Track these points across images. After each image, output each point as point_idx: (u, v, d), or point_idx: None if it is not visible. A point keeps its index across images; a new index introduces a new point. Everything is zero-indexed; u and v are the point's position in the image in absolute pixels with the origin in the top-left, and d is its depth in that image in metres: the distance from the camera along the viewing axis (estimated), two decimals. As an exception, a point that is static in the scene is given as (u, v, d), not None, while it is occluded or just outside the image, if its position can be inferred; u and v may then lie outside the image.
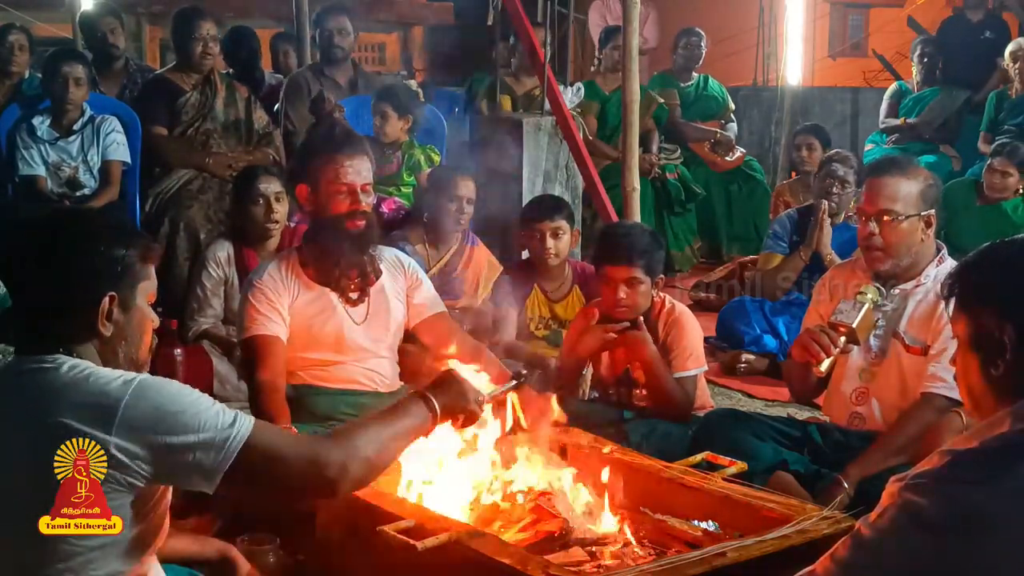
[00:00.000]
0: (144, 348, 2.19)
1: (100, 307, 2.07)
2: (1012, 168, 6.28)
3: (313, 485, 2.13)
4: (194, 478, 2.02)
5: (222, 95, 5.82)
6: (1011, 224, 6.20)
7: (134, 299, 2.13)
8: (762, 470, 3.33)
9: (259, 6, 9.78)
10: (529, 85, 7.00)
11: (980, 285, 1.92)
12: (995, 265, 1.93)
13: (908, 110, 7.99)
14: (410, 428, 2.33)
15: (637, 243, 3.85)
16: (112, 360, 2.12)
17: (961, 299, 1.94)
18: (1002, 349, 1.85)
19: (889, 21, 11.37)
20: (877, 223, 3.44)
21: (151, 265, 2.18)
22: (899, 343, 3.48)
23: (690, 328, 3.92)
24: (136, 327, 2.15)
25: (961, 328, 1.93)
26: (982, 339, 1.88)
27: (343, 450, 2.11)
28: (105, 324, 2.09)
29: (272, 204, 4.82)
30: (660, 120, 7.71)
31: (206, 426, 1.99)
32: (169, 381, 2.05)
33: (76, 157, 5.66)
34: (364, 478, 2.18)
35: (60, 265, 2.07)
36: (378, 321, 3.65)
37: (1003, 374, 1.85)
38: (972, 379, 1.91)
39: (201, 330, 4.89)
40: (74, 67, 5.61)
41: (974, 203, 6.41)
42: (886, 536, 1.78)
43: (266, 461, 2.04)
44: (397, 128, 5.77)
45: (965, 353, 1.92)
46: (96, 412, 1.95)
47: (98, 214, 2.36)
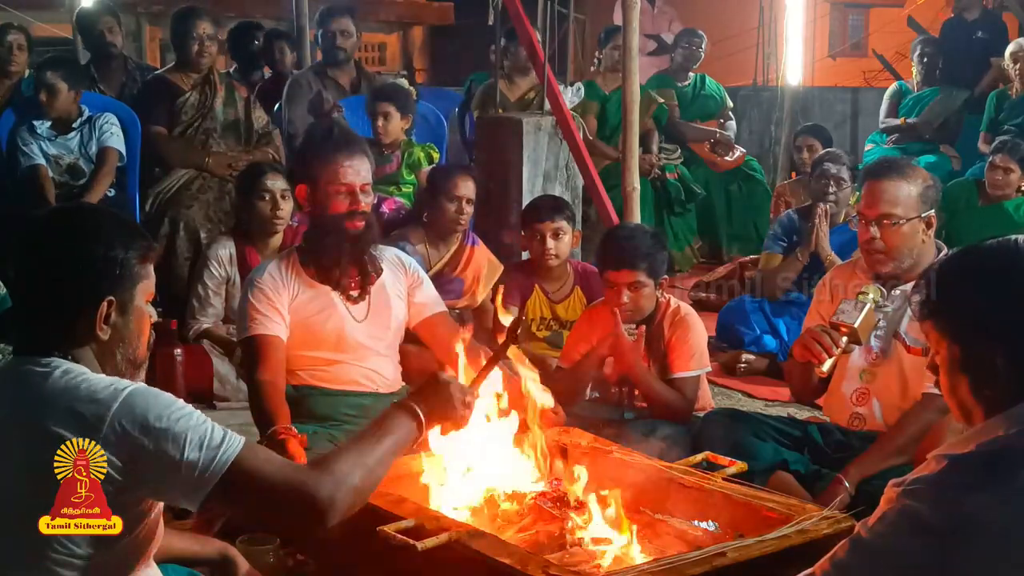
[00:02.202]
0: (142, 347, 2.17)
1: (98, 311, 2.05)
2: (1013, 164, 6.26)
3: (300, 516, 2.06)
4: (178, 495, 1.99)
5: (221, 95, 5.83)
6: (1013, 224, 6.17)
7: (132, 301, 2.11)
8: (762, 470, 3.33)
9: (259, 6, 9.79)
10: (524, 88, 6.99)
11: (960, 307, 1.86)
12: (972, 281, 1.86)
13: (908, 110, 7.98)
14: (397, 445, 2.26)
15: (640, 247, 3.86)
16: (110, 361, 2.10)
17: (941, 323, 1.88)
18: (993, 371, 1.82)
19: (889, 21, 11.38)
20: (878, 227, 3.44)
21: (150, 264, 2.16)
22: (900, 344, 3.48)
23: (695, 329, 3.94)
24: (134, 328, 2.12)
25: (944, 349, 1.88)
26: (972, 361, 1.84)
27: (331, 481, 2.04)
28: (103, 328, 2.06)
29: (278, 201, 4.84)
30: (660, 120, 7.71)
31: (193, 443, 1.95)
32: (160, 393, 2.00)
33: (75, 152, 5.70)
34: (352, 507, 2.11)
35: (57, 268, 2.05)
36: (379, 319, 3.65)
37: (997, 390, 1.83)
38: (962, 397, 1.88)
39: (202, 329, 4.90)
40: (52, 75, 5.67)
41: (975, 203, 6.40)
42: (884, 540, 1.78)
43: (252, 485, 1.99)
44: (399, 127, 5.78)
45: (954, 374, 1.88)
46: (84, 421, 1.93)
47: (97, 211, 2.27)
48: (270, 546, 2.86)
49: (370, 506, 2.73)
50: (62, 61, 6.08)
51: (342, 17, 6.28)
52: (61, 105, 5.68)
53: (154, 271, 2.18)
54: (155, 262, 2.19)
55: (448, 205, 4.89)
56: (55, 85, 5.65)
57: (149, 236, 2.20)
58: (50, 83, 5.65)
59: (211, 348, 4.80)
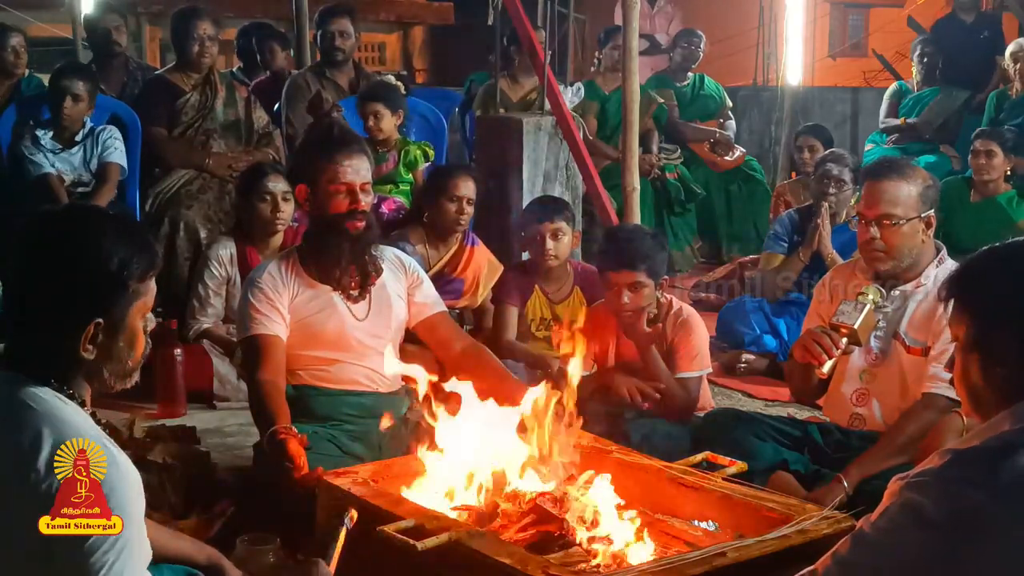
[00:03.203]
0: (134, 360, 2.07)
1: (84, 333, 1.96)
2: (995, 146, 6.24)
3: None
4: None
5: (222, 95, 5.83)
6: (1007, 216, 6.18)
7: (124, 321, 2.00)
8: (762, 470, 3.34)
9: (259, 6, 9.80)
10: (527, 88, 7.00)
11: (983, 288, 1.91)
12: (999, 267, 1.92)
13: (908, 110, 7.98)
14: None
15: (639, 247, 3.88)
16: (97, 378, 2.02)
17: (963, 302, 1.93)
18: (1007, 350, 1.84)
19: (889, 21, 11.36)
20: (878, 227, 3.44)
21: (150, 281, 2.04)
22: (900, 344, 3.48)
23: (697, 330, 3.95)
24: (124, 347, 2.03)
25: (962, 330, 1.92)
26: (986, 341, 1.87)
27: None
28: (87, 348, 1.98)
29: (279, 202, 4.84)
30: (660, 120, 7.71)
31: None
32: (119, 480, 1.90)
33: (79, 168, 5.67)
34: None
35: (45, 281, 1.96)
36: (379, 318, 3.64)
37: (1007, 375, 1.85)
38: (973, 380, 1.90)
39: (202, 329, 4.90)
40: (73, 82, 5.60)
41: (968, 200, 6.38)
42: (887, 534, 1.79)
43: None
44: (391, 125, 5.75)
45: (967, 354, 1.91)
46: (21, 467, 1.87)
47: (100, 219, 2.05)
48: (270, 546, 2.86)
49: (370, 506, 2.75)
50: (80, 68, 6.01)
51: (341, 18, 6.27)
52: (78, 114, 5.63)
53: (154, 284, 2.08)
54: (156, 275, 2.08)
55: (448, 205, 4.89)
56: (79, 94, 5.58)
57: (154, 249, 2.08)
58: (76, 92, 5.57)
59: (211, 348, 4.81)
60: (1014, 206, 6.28)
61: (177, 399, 4.62)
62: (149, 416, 4.44)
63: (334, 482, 2.92)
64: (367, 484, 2.91)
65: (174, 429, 4.08)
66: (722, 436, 3.46)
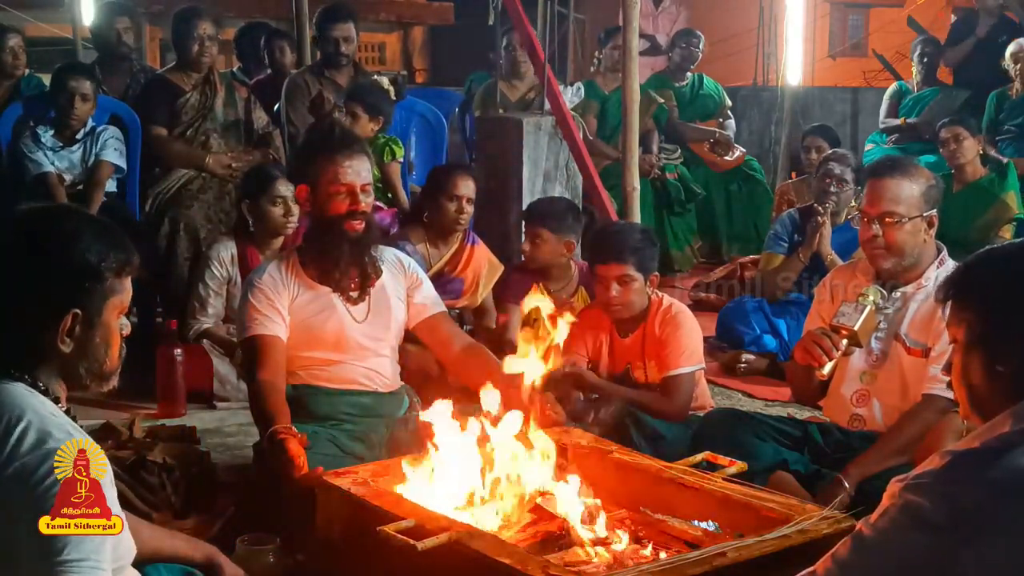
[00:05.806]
0: (111, 360, 2.09)
1: (61, 323, 1.98)
2: (961, 130, 6.27)
3: None
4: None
5: (222, 95, 5.82)
6: (991, 195, 6.22)
7: (100, 315, 2.03)
8: (762, 470, 3.33)
9: (259, 6, 9.80)
10: (524, 89, 6.99)
11: (987, 286, 1.91)
12: (1001, 266, 1.92)
13: (908, 110, 7.97)
14: None
15: (627, 241, 3.88)
16: (73, 375, 2.04)
17: (965, 301, 1.92)
18: (1011, 348, 1.84)
19: (889, 21, 11.37)
20: (880, 225, 3.44)
21: (127, 279, 2.07)
22: (900, 345, 3.48)
23: (685, 326, 3.92)
24: (100, 343, 2.05)
25: (963, 330, 1.91)
26: (989, 339, 1.87)
27: None
28: (64, 340, 1.99)
29: (290, 206, 4.84)
30: (660, 120, 7.71)
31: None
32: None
33: (78, 166, 5.67)
34: None
35: (24, 272, 1.98)
36: (379, 320, 3.64)
37: (1008, 374, 1.85)
38: (974, 380, 1.90)
39: (202, 330, 4.89)
40: (81, 82, 5.60)
41: (950, 191, 6.37)
42: (887, 536, 1.78)
43: None
44: (367, 129, 5.66)
45: (968, 354, 1.91)
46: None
47: (78, 216, 2.12)
48: (270, 546, 2.87)
49: (370, 506, 2.74)
50: (84, 67, 6.00)
51: (344, 23, 6.24)
52: (86, 113, 5.62)
53: (151, 276, 2.09)
54: (134, 275, 2.10)
55: (448, 204, 4.89)
56: (87, 94, 5.58)
57: (132, 248, 2.10)
58: (84, 92, 5.56)
59: (211, 348, 4.81)
60: (996, 186, 6.30)
61: (177, 399, 4.62)
62: (149, 416, 4.44)
63: (334, 482, 2.92)
64: (367, 484, 2.91)
65: (174, 429, 4.09)
66: (722, 436, 3.46)
